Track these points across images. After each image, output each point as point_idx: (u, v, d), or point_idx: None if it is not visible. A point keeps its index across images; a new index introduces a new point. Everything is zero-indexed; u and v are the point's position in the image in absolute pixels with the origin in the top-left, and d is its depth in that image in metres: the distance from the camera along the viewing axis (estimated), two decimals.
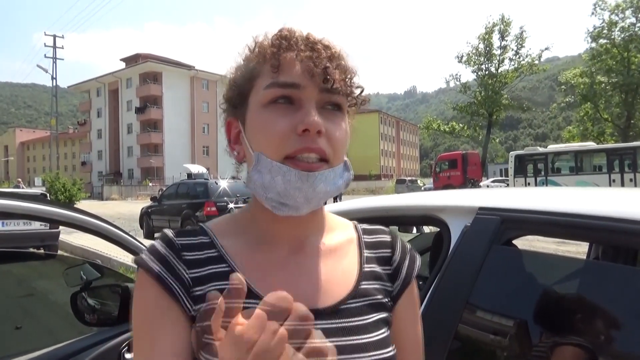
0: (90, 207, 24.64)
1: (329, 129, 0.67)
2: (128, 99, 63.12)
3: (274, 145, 0.66)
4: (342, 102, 0.69)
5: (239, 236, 0.73)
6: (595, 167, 20.41)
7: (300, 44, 0.68)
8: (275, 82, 0.67)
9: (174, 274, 0.66)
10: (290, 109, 0.66)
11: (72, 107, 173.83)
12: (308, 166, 0.65)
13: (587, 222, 1.13)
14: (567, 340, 1.27)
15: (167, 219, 13.07)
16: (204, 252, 0.69)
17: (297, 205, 0.67)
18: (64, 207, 1.62)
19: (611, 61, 29.96)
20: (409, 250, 0.80)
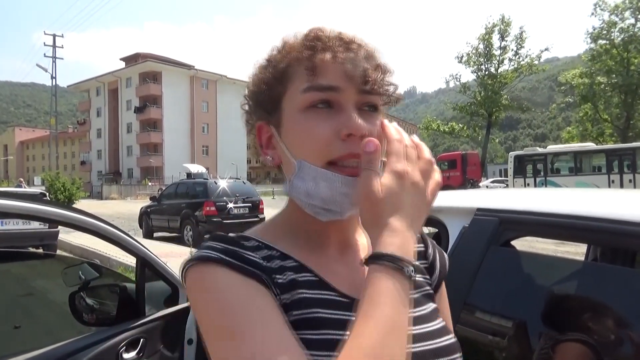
0: (89, 206, 24.64)
1: (369, 131, 0.65)
2: (128, 99, 63.06)
3: (316, 152, 0.64)
4: (377, 102, 0.68)
5: (287, 239, 0.71)
6: (594, 168, 20.41)
7: (335, 44, 0.66)
8: (314, 85, 0.64)
9: (252, 264, 0.61)
10: (330, 113, 0.65)
11: (71, 106, 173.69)
12: (353, 171, 0.63)
13: (585, 224, 1.13)
14: (566, 341, 1.27)
15: (167, 219, 13.06)
16: (264, 252, 0.67)
17: (342, 210, 0.66)
18: (62, 207, 1.62)
19: (611, 62, 29.99)
20: (436, 244, 0.83)
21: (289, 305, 0.61)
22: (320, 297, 0.64)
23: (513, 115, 54.43)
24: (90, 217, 1.66)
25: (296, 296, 0.62)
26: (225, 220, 11.76)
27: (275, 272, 0.63)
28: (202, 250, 0.63)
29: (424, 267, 0.78)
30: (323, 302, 0.63)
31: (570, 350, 1.22)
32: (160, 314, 1.77)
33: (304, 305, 0.62)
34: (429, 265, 0.79)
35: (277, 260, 0.66)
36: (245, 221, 11.93)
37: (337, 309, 0.63)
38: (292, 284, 0.63)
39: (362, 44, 0.68)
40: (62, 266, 2.04)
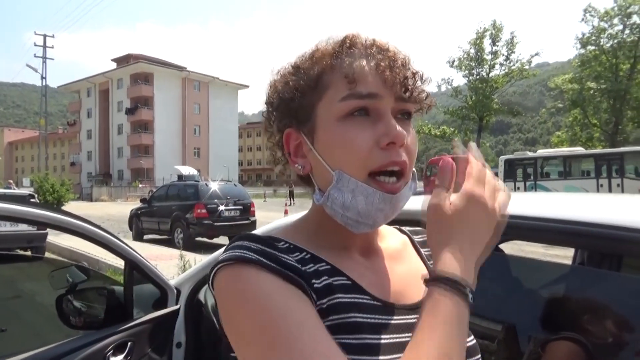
0: (79, 208, 24.43)
1: (407, 140, 0.65)
2: (119, 100, 62.69)
3: (357, 162, 0.63)
4: (412, 109, 0.68)
5: (313, 242, 0.70)
6: (583, 172, 20.61)
7: (373, 51, 0.66)
8: (354, 93, 0.63)
9: (291, 269, 0.60)
10: (368, 121, 0.64)
11: (61, 107, 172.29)
12: (391, 188, 0.64)
13: (572, 228, 1.14)
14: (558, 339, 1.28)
15: (157, 221, 12.98)
16: (295, 254, 0.65)
17: (375, 224, 0.68)
18: (50, 209, 1.61)
19: (599, 68, 30.34)
20: None
21: (326, 310, 0.60)
22: (355, 301, 0.63)
23: (504, 119, 54.88)
24: (78, 219, 1.64)
25: (333, 301, 0.61)
26: (216, 222, 11.72)
27: (312, 277, 0.62)
28: (236, 250, 0.60)
29: None
30: (359, 306, 0.63)
31: (562, 348, 1.23)
32: (149, 317, 1.76)
33: (341, 310, 0.61)
34: None
35: (310, 263, 0.65)
36: (236, 224, 11.90)
37: (372, 313, 0.63)
38: (329, 288, 0.62)
39: (396, 51, 0.68)
40: (50, 269, 2.02)
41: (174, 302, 1.89)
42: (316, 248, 0.68)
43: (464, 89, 37.20)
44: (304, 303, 0.57)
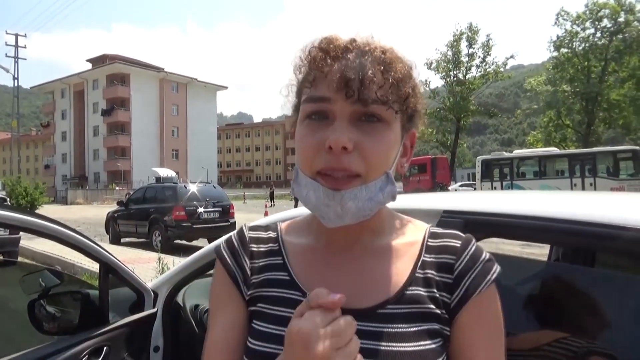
0: (54, 212, 23.87)
1: (363, 143, 0.64)
2: (94, 101, 61.46)
3: (306, 161, 0.68)
4: (380, 112, 0.65)
5: (301, 235, 0.80)
6: (557, 172, 21.09)
7: (331, 55, 0.67)
8: (309, 96, 0.68)
9: (238, 262, 0.77)
10: (323, 125, 0.66)
11: (35, 108, 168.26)
12: (336, 183, 0.65)
13: (546, 225, 1.16)
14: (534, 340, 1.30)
15: (134, 224, 12.77)
16: (268, 245, 0.79)
17: (331, 219, 0.67)
18: (23, 212, 1.56)
19: (572, 70, 31.09)
20: (483, 261, 0.70)
21: (252, 299, 0.74)
22: (281, 296, 0.72)
23: (481, 120, 55.71)
24: (52, 222, 1.60)
25: (257, 293, 0.74)
26: (195, 225, 11.60)
27: (255, 272, 0.76)
28: (223, 241, 0.81)
29: (446, 282, 0.69)
30: (279, 300, 0.71)
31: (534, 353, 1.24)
32: (125, 321, 1.73)
33: (258, 301, 0.73)
34: (454, 280, 0.69)
35: (269, 257, 0.77)
36: (215, 226, 11.79)
37: (290, 307, 0.66)
38: (262, 282, 0.74)
39: (367, 50, 0.68)
40: (23, 273, 1.96)
41: (151, 305, 1.86)
42: (296, 240, 0.79)
43: (442, 91, 37.66)
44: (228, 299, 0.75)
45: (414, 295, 0.68)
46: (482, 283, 0.68)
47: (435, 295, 0.68)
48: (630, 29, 29.00)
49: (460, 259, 0.70)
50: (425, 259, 0.72)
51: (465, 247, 0.72)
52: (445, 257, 0.71)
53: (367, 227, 0.73)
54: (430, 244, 0.74)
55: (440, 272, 0.70)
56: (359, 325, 0.63)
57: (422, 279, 0.70)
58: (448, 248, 0.72)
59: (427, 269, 0.71)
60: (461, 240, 0.73)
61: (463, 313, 0.67)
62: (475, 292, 0.68)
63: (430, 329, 0.66)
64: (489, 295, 0.69)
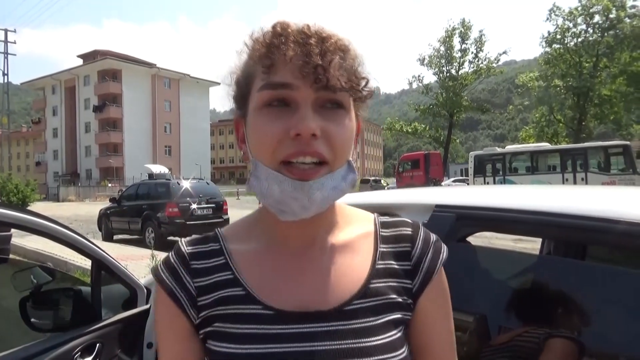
0: (45, 209, 23.68)
1: (328, 130, 0.63)
2: (86, 97, 60.92)
3: (269, 151, 0.63)
4: (342, 99, 0.64)
5: (249, 240, 0.73)
6: (549, 167, 21.19)
7: (291, 40, 0.63)
8: (267, 83, 0.63)
9: (180, 284, 0.70)
10: (285, 112, 0.63)
11: (25, 104, 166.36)
12: (303, 173, 0.62)
13: (537, 218, 1.17)
14: (525, 332, 1.31)
15: (127, 221, 12.70)
16: (212, 260, 0.71)
17: (295, 212, 0.64)
18: (14, 209, 1.55)
19: (564, 65, 31.24)
20: (433, 242, 0.74)
21: (205, 320, 0.68)
22: (235, 313, 0.67)
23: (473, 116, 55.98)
24: (44, 219, 1.59)
25: (211, 313, 0.68)
26: (188, 221, 11.54)
27: (203, 293, 0.69)
28: (161, 262, 0.74)
29: (405, 269, 0.71)
30: (238, 317, 0.66)
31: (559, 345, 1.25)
32: (118, 318, 1.72)
33: (214, 321, 0.67)
34: (412, 266, 0.71)
35: (215, 273, 0.70)
36: (208, 222, 11.75)
37: (252, 323, 0.65)
38: (215, 302, 0.68)
39: (324, 36, 0.64)
40: (14, 270, 1.95)
41: (144, 301, 1.85)
42: (244, 247, 0.73)
43: (435, 87, 37.71)
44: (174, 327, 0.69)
45: (378, 288, 0.69)
46: (437, 264, 0.72)
47: (397, 284, 0.70)
48: (622, 26, 29.14)
49: (415, 245, 0.73)
50: (383, 250, 0.73)
51: (417, 232, 0.75)
52: (402, 246, 0.73)
53: (321, 223, 0.72)
54: (384, 234, 0.75)
55: (399, 261, 0.72)
56: (328, 326, 0.64)
57: (383, 270, 0.71)
58: (402, 236, 0.74)
59: (386, 259, 0.72)
60: (411, 226, 0.76)
61: (424, 295, 0.71)
62: (434, 273, 0.71)
63: (394, 319, 0.68)
64: (441, 274, 0.73)
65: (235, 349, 0.64)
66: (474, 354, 1.37)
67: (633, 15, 29.21)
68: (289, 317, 0.65)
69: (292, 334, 0.64)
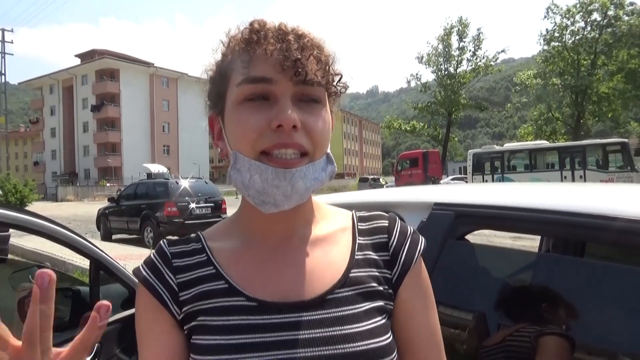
0: (44, 209, 23.64)
1: (308, 122, 0.65)
2: (84, 97, 60.86)
3: (249, 142, 0.65)
4: (319, 93, 0.67)
5: (230, 238, 0.75)
6: (548, 165, 21.23)
7: (270, 36, 0.65)
8: (246, 78, 0.65)
9: (162, 280, 0.70)
10: (265, 105, 0.65)
11: (23, 104, 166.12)
12: (285, 162, 0.64)
13: (536, 216, 1.17)
14: (515, 330, 1.31)
15: (126, 220, 12.70)
16: (194, 258, 0.72)
17: (277, 202, 0.66)
18: (12, 209, 1.55)
19: (562, 63, 31.26)
20: (410, 234, 0.76)
21: (188, 316, 0.68)
22: (218, 305, 0.67)
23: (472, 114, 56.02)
24: (42, 219, 1.59)
25: (194, 308, 0.68)
26: (187, 220, 11.54)
27: (185, 288, 0.70)
28: (143, 262, 0.73)
29: (384, 260, 0.73)
30: (221, 309, 0.67)
31: (552, 342, 1.25)
32: (116, 317, 1.72)
33: (198, 315, 0.68)
34: (390, 257, 0.73)
35: (197, 269, 0.71)
36: (207, 221, 11.74)
37: (239, 314, 0.66)
38: (197, 296, 0.69)
39: (302, 34, 0.67)
40: (13, 271, 1.95)
41: None
42: (225, 244, 0.74)
43: (433, 85, 37.71)
44: (156, 323, 0.69)
45: (358, 277, 0.70)
46: (415, 254, 0.74)
47: (376, 274, 0.72)
48: (620, 23, 29.18)
49: (392, 237, 0.75)
50: (361, 242, 0.75)
51: (394, 224, 0.77)
52: (379, 237, 0.75)
53: (300, 218, 0.74)
54: (362, 227, 0.77)
55: (377, 252, 0.74)
56: (311, 315, 0.65)
57: (362, 261, 0.72)
58: (379, 228, 0.76)
59: (365, 250, 0.74)
60: (388, 219, 0.78)
61: (403, 285, 0.72)
62: (412, 264, 0.73)
63: (377, 306, 0.69)
64: (420, 265, 0.75)
65: (220, 340, 0.65)
66: (473, 352, 1.37)
67: (631, 12, 29.24)
68: (272, 307, 0.66)
69: (276, 324, 0.65)
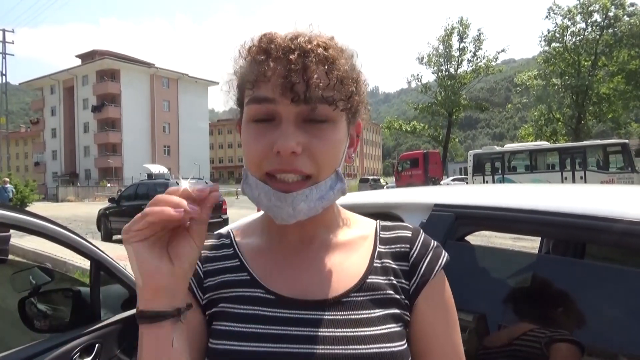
0: (44, 209, 23.65)
1: (311, 146, 0.65)
2: (84, 97, 60.84)
3: (255, 164, 0.67)
4: (326, 112, 0.65)
5: (256, 236, 0.79)
6: (548, 166, 21.21)
7: (274, 56, 0.65)
8: (252, 97, 0.66)
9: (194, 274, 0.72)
10: (270, 128, 0.65)
11: (24, 105, 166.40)
12: (286, 187, 0.65)
13: (536, 217, 1.17)
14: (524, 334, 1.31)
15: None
16: (222, 251, 0.77)
17: (284, 219, 0.67)
18: (13, 210, 1.55)
19: (563, 64, 31.25)
20: (433, 247, 0.76)
21: (210, 303, 0.72)
22: (240, 295, 0.71)
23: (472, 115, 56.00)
24: (42, 219, 1.59)
25: (216, 295, 0.72)
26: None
27: (209, 276, 0.74)
28: None
29: (403, 270, 0.73)
30: (241, 299, 0.70)
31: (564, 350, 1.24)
32: (117, 318, 1.72)
33: (218, 302, 0.72)
34: (410, 267, 0.73)
35: (223, 261, 0.76)
36: (208, 222, 11.74)
37: (257, 305, 0.69)
38: (220, 284, 0.73)
39: (307, 50, 0.64)
40: (13, 271, 1.95)
41: None
42: (251, 241, 0.78)
43: (434, 85, 37.70)
44: None
45: (374, 283, 0.71)
46: (435, 267, 0.74)
47: (394, 282, 0.72)
48: (620, 24, 29.17)
49: (414, 247, 0.75)
50: (381, 250, 0.75)
51: (417, 236, 0.77)
52: (400, 247, 0.75)
53: (320, 223, 0.75)
54: (383, 236, 0.78)
55: (397, 261, 0.74)
56: (328, 315, 0.67)
57: (380, 268, 0.73)
58: (401, 238, 0.77)
59: (384, 258, 0.74)
60: (411, 230, 0.78)
61: (421, 297, 0.72)
62: (431, 277, 0.73)
63: (393, 313, 0.69)
64: (442, 279, 0.75)
65: (236, 328, 0.68)
66: (473, 353, 1.37)
67: (632, 13, 29.23)
68: (289, 302, 0.69)
69: (291, 319, 0.67)
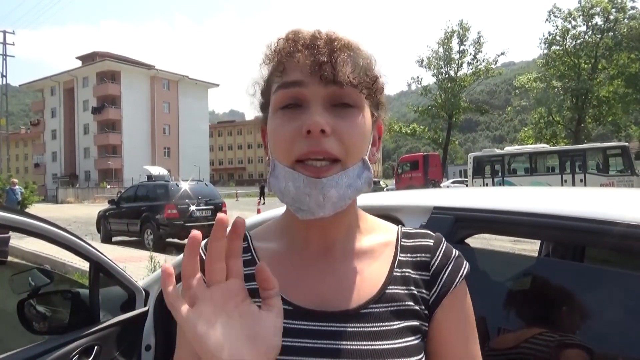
0: (44, 211, 23.64)
1: (339, 128, 0.65)
2: (85, 99, 60.92)
3: (284, 150, 0.66)
4: (353, 96, 0.66)
5: (274, 240, 0.77)
6: (548, 168, 21.23)
7: (300, 44, 0.66)
8: (281, 84, 0.67)
9: None
10: (298, 112, 0.65)
11: (24, 106, 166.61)
12: (316, 171, 0.64)
13: (536, 220, 1.17)
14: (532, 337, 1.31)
15: (126, 222, 12.69)
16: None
17: (311, 210, 0.66)
18: (12, 211, 1.55)
19: (562, 67, 31.31)
20: (454, 257, 0.74)
21: None
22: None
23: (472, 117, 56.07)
24: (41, 221, 1.59)
25: None
26: (187, 223, 11.54)
27: None
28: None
29: (424, 279, 0.72)
30: None
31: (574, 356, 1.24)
32: (116, 320, 1.72)
33: None
34: (430, 277, 0.72)
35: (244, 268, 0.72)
36: (207, 224, 11.74)
37: None
38: None
39: (333, 38, 0.67)
40: (12, 273, 1.94)
41: (143, 304, 1.85)
42: (269, 246, 0.76)
43: (434, 88, 37.78)
44: None
45: (394, 294, 0.69)
46: (456, 278, 0.72)
47: (414, 292, 0.70)
48: (620, 27, 29.24)
49: (435, 257, 0.74)
50: (401, 259, 0.74)
51: (438, 245, 0.75)
52: (421, 256, 0.74)
53: (341, 227, 0.74)
54: (404, 243, 0.76)
55: (418, 270, 0.72)
56: (345, 327, 0.66)
57: (401, 278, 0.71)
58: (422, 247, 0.75)
59: (404, 267, 0.73)
60: (433, 239, 0.76)
61: (441, 308, 0.70)
62: (452, 287, 0.71)
63: (411, 326, 0.68)
64: (462, 290, 0.73)
65: None
66: None
67: (633, 17, 29.29)
68: (305, 314, 0.67)
69: (307, 330, 0.66)
